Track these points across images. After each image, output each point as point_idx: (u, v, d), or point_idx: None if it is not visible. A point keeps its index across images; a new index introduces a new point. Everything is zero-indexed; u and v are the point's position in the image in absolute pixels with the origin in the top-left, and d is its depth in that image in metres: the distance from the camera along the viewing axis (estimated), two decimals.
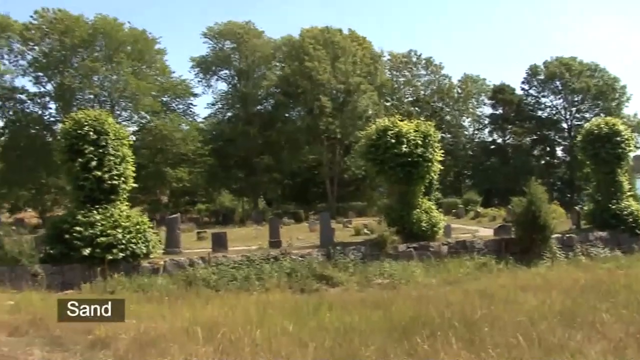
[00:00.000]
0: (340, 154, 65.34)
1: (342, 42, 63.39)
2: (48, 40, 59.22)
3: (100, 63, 58.45)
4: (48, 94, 60.87)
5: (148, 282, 20.91)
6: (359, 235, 31.36)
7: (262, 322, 10.84)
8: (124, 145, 24.86)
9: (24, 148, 57.44)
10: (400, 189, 28.07)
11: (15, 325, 10.71)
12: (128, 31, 60.29)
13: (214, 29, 67.72)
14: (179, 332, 10.14)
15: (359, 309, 12.95)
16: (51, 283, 21.32)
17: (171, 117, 63.08)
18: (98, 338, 9.75)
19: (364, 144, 29.32)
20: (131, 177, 24.87)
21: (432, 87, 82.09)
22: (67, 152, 23.87)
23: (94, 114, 24.63)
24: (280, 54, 67.54)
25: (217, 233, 28.10)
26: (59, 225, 23.27)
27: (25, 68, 60.30)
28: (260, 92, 68.82)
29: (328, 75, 59.87)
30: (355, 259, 24.03)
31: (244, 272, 22.05)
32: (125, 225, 23.00)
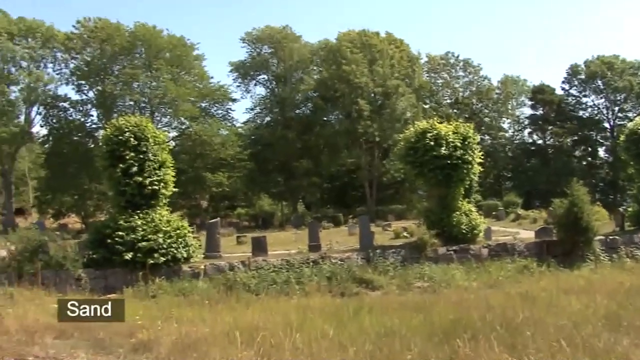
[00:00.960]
0: (378, 157, 65.13)
1: (380, 45, 63.19)
2: (89, 49, 60.36)
3: (140, 70, 59.32)
4: (90, 102, 61.98)
5: (189, 286, 21.06)
6: (399, 238, 31.23)
7: (302, 326, 10.84)
8: (163, 150, 25.15)
9: (67, 155, 58.50)
10: (439, 192, 27.88)
11: (61, 329, 10.86)
12: (167, 38, 61.01)
13: (252, 34, 68.12)
14: (219, 335, 10.19)
15: (399, 312, 12.88)
16: (94, 287, 21.66)
17: (210, 123, 63.53)
18: (140, 341, 9.86)
19: (402, 147, 29.20)
20: (171, 182, 25.11)
21: (470, 88, 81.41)
22: (108, 158, 24.23)
23: (134, 120, 24.96)
24: (318, 58, 67.58)
25: (256, 237, 28.20)
26: (102, 230, 23.62)
27: (68, 76, 61.64)
28: (298, 96, 68.98)
29: (366, 79, 59.76)
30: (395, 262, 23.91)
31: (284, 276, 22.07)
32: (165, 229, 23.24)
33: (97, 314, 10.41)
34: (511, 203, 56.67)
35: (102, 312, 10.43)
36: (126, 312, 13.65)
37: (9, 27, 56.54)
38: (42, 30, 59.10)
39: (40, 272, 21.72)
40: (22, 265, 22.16)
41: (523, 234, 31.27)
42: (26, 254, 22.56)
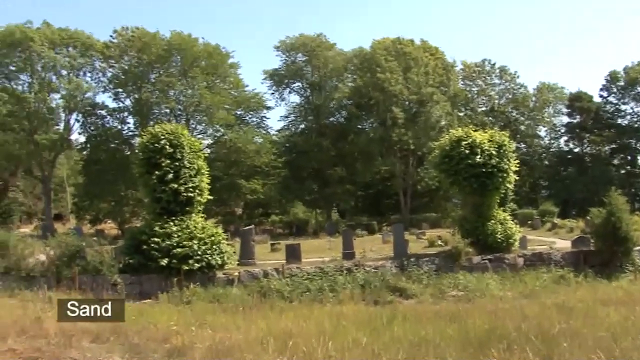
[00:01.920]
0: (413, 165, 64.88)
1: (414, 53, 62.99)
2: (127, 58, 61.23)
3: (175, 78, 59.95)
4: (127, 109, 62.79)
5: (223, 293, 21.20)
6: (433, 246, 31.03)
7: (336, 333, 10.84)
8: (199, 158, 25.40)
9: (104, 162, 59.35)
10: (474, 200, 27.72)
11: (97, 333, 11.02)
12: (202, 46, 61.51)
13: (286, 42, 68.31)
14: (253, 342, 10.24)
15: (433, 321, 12.81)
16: (130, 292, 21.95)
17: (245, 130, 63.84)
18: (175, 347, 9.95)
19: (437, 155, 29.11)
20: (206, 189, 25.34)
21: (506, 96, 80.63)
22: (144, 165, 24.54)
23: (170, 127, 25.25)
24: (352, 66, 67.48)
25: (290, 244, 28.28)
26: (137, 237, 23.91)
27: (106, 85, 62.55)
28: (332, 104, 69.00)
29: (400, 86, 59.61)
30: (429, 270, 23.82)
31: (318, 283, 22.10)
32: (200, 236, 23.45)
33: (97, 314, 10.56)
34: (547, 212, 55.86)
35: (102, 312, 10.57)
36: (161, 317, 13.87)
37: (51, 37, 57.59)
38: (81, 39, 60.08)
39: (78, 277, 22.10)
40: (60, 269, 22.58)
41: (559, 244, 30.82)
42: (64, 259, 22.98)
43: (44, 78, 58.48)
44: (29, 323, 11.66)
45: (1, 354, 8.87)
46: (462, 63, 78.12)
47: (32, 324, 11.64)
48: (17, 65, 57.29)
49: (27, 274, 22.75)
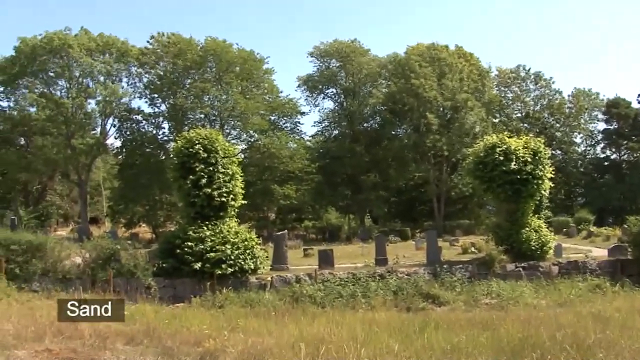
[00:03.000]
0: (447, 171, 64.51)
1: (449, 59, 62.69)
2: (162, 63, 61.83)
3: (210, 83, 60.34)
4: (162, 114, 63.39)
5: (255, 298, 21.29)
6: (466, 254, 30.84)
7: (368, 340, 10.79)
8: (233, 163, 25.55)
9: (139, 166, 59.94)
10: (508, 207, 27.52)
11: (131, 335, 11.13)
12: (237, 52, 61.80)
13: (320, 48, 68.39)
14: (285, 347, 10.22)
15: (466, 329, 12.69)
16: (163, 296, 22.17)
17: (279, 135, 63.91)
18: (207, 350, 9.98)
19: (471, 161, 28.96)
20: (240, 194, 25.49)
21: (541, 102, 79.65)
22: (179, 169, 24.79)
23: (204, 132, 25.46)
24: (386, 72, 67.29)
25: (323, 250, 28.30)
26: (171, 241, 24.13)
27: (142, 90, 63.19)
28: (366, 110, 68.87)
29: (434, 92, 59.29)
30: (462, 278, 23.68)
31: (350, 289, 22.10)
32: (234, 241, 23.59)
33: (97, 314, 10.62)
34: (583, 220, 54.99)
35: (102, 312, 10.64)
36: (193, 321, 13.96)
37: (88, 44, 58.44)
38: (117, 45, 60.84)
39: (113, 280, 22.33)
40: (95, 272, 22.89)
41: (595, 252, 30.43)
42: (99, 262, 23.27)
43: (81, 84, 59.39)
44: (64, 324, 11.80)
45: (38, 353, 9.01)
46: (497, 69, 77.54)
47: (68, 325, 11.78)
48: (56, 71, 58.23)
49: (64, 276, 23.09)
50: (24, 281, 22.16)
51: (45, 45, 56.05)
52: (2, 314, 13.23)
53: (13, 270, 22.20)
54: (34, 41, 56.51)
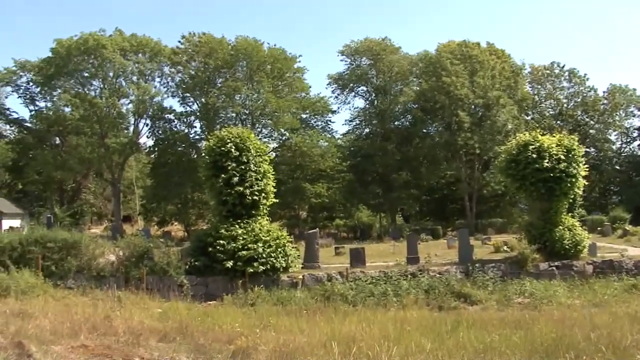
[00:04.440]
0: (479, 169, 64.01)
1: (481, 56, 62.13)
2: (194, 63, 62.34)
3: (241, 82, 60.58)
4: (193, 113, 63.94)
5: (287, 296, 21.33)
6: (499, 252, 30.57)
7: (399, 338, 10.77)
8: (264, 161, 25.66)
9: (171, 165, 60.51)
10: (541, 206, 27.26)
11: (164, 332, 11.25)
12: (268, 51, 62.01)
13: (350, 46, 68.18)
14: (317, 345, 10.24)
15: (498, 328, 12.59)
16: (196, 293, 22.35)
17: (310, 134, 63.98)
18: (239, 348, 10.04)
19: (503, 159, 28.74)
20: (271, 192, 25.58)
21: (575, 99, 78.49)
22: (211, 168, 24.95)
23: (236, 131, 25.58)
24: (417, 70, 66.94)
25: (355, 249, 28.28)
26: (203, 239, 24.30)
27: (174, 90, 63.87)
28: (397, 108, 68.52)
29: (466, 90, 58.83)
30: (495, 277, 23.48)
31: (382, 288, 22.04)
32: (265, 239, 23.67)
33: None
34: (618, 218, 54.07)
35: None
36: (226, 319, 14.06)
37: (122, 44, 59.20)
38: (150, 45, 61.54)
39: (146, 277, 22.56)
40: (129, 270, 23.15)
41: (631, 251, 29.91)
42: (133, 260, 23.53)
43: (114, 83, 60.31)
44: (99, 321, 11.97)
45: (74, 349, 9.14)
46: (530, 66, 76.65)
47: (102, 321, 11.95)
48: (90, 71, 59.17)
49: (98, 273, 23.41)
50: (59, 278, 22.52)
51: (80, 46, 57.02)
52: (39, 310, 13.45)
53: (49, 267, 22.58)
54: (69, 42, 57.49)
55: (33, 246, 22.95)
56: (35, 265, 22.06)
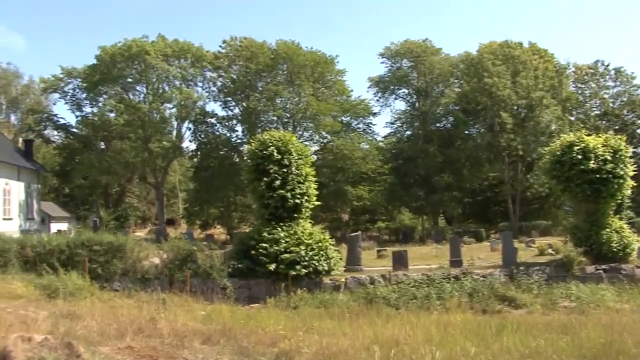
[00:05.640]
0: (522, 171, 63.20)
1: (523, 56, 61.37)
2: (235, 67, 62.92)
3: (282, 86, 60.88)
4: (235, 117, 64.48)
5: (329, 299, 21.32)
6: (543, 255, 30.18)
7: (443, 342, 10.70)
8: (306, 164, 25.68)
9: (213, 168, 61.07)
10: (587, 208, 26.83)
11: (208, 335, 11.34)
12: (308, 54, 62.17)
13: (391, 48, 67.94)
14: (360, 348, 10.23)
15: (544, 332, 12.40)
16: (239, 296, 22.49)
17: (351, 137, 64.01)
18: (283, 351, 10.08)
19: (548, 161, 28.38)
20: (313, 195, 25.60)
21: (621, 99, 76.88)
22: (253, 171, 25.09)
23: (278, 135, 25.69)
24: (459, 71, 66.44)
25: (397, 251, 28.16)
26: (246, 242, 24.45)
27: (216, 94, 64.56)
28: (439, 110, 68.14)
29: (508, 91, 58.18)
30: (540, 280, 23.14)
31: (424, 291, 21.91)
32: (307, 242, 23.69)
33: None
34: None
35: None
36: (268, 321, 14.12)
37: (164, 49, 59.97)
38: (192, 50, 62.19)
39: (189, 280, 22.77)
40: (173, 272, 23.41)
41: None
42: (177, 263, 23.79)
43: (157, 89, 61.01)
44: (144, 323, 12.11)
45: (120, 350, 9.27)
46: (573, 65, 75.31)
47: (147, 323, 12.09)
48: (134, 77, 60.10)
49: (143, 276, 23.71)
50: (105, 280, 22.89)
51: (124, 52, 57.89)
52: (87, 312, 13.67)
53: (96, 269, 22.97)
54: (113, 49, 58.44)
55: (80, 249, 23.40)
56: (82, 268, 22.46)
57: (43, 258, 22.93)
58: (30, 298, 17.25)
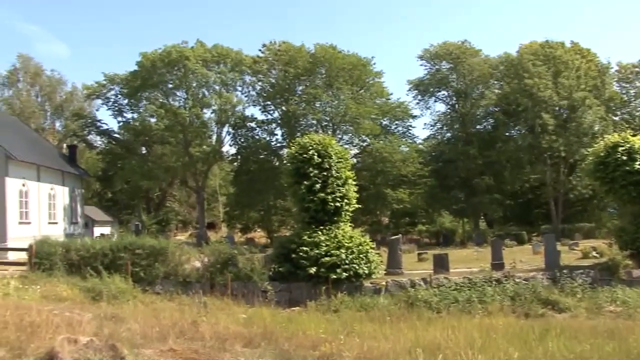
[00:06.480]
0: (564, 172, 62.28)
1: (565, 56, 60.54)
2: (274, 71, 63.24)
3: (321, 89, 60.93)
4: (274, 121, 64.79)
5: (370, 302, 21.25)
6: (587, 258, 29.71)
7: (485, 346, 10.58)
8: (346, 167, 25.65)
9: (253, 172, 61.47)
10: (633, 209, 26.35)
11: (249, 338, 11.39)
12: (346, 57, 62.16)
13: (430, 50, 67.72)
14: (401, 352, 10.18)
15: (589, 337, 12.17)
16: (279, 299, 22.53)
17: (391, 139, 63.82)
18: (324, 354, 10.06)
19: (591, 162, 27.92)
20: (353, 198, 25.57)
21: None
22: (293, 175, 25.15)
23: (318, 138, 25.71)
24: (499, 72, 65.83)
25: (438, 254, 28.03)
26: (287, 245, 24.50)
27: (255, 98, 64.96)
28: (479, 112, 67.69)
29: (550, 92, 57.48)
30: (584, 283, 22.73)
31: (466, 294, 21.70)
32: (348, 245, 23.66)
33: None
34: None
35: None
36: (309, 325, 14.12)
37: (204, 55, 60.57)
38: (231, 55, 62.69)
39: (230, 283, 22.91)
40: (214, 276, 23.59)
41: None
42: (218, 266, 23.97)
43: (197, 94, 61.65)
44: (186, 326, 12.23)
45: (163, 353, 9.38)
46: (617, 64, 73.92)
47: (189, 326, 12.21)
48: (174, 82, 60.82)
49: (184, 279, 23.93)
50: (147, 284, 23.17)
51: (164, 58, 58.64)
52: (130, 315, 13.85)
53: (138, 273, 23.28)
54: (154, 55, 59.29)
55: (123, 252, 23.74)
56: (125, 271, 22.77)
57: (87, 261, 23.33)
58: (75, 300, 17.56)
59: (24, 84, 75.28)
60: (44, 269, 22.71)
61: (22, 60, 74.60)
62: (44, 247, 24.05)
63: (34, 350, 8.38)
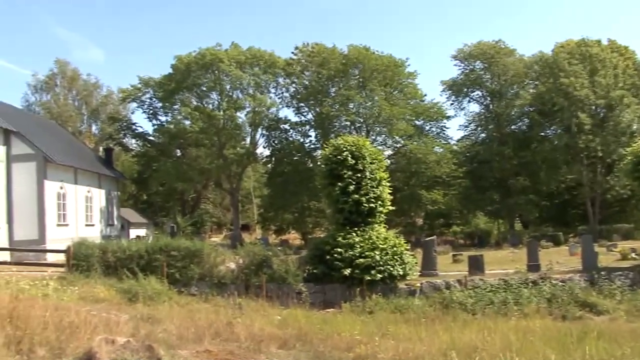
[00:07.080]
0: (601, 173, 61.30)
1: (601, 54, 59.54)
2: (307, 73, 63.26)
3: (354, 91, 60.74)
4: (308, 123, 64.74)
5: (405, 303, 21.21)
6: (626, 260, 29.22)
7: (523, 349, 10.47)
8: (379, 169, 25.65)
9: (287, 174, 61.59)
10: None
11: (284, 339, 11.44)
12: (379, 58, 61.98)
13: (463, 50, 67.20)
14: (436, 354, 10.14)
15: (630, 341, 11.94)
16: (314, 301, 22.58)
17: (425, 140, 63.47)
18: (359, 356, 10.08)
19: (629, 162, 27.56)
20: (387, 199, 25.55)
21: None
22: (327, 177, 25.21)
23: (351, 139, 25.75)
24: (533, 72, 65.06)
25: (473, 256, 27.82)
26: (321, 247, 24.55)
27: (288, 100, 65.06)
28: (513, 112, 66.93)
29: (586, 91, 56.61)
30: (623, 285, 22.42)
31: (501, 296, 21.55)
32: (382, 247, 23.64)
33: None
34: None
35: None
36: (344, 326, 14.11)
37: (238, 57, 60.90)
38: (265, 57, 62.94)
39: (265, 285, 23.03)
40: (249, 277, 23.75)
41: None
42: (252, 268, 24.11)
43: (231, 96, 61.97)
44: (221, 327, 12.32)
45: (199, 354, 9.48)
46: None
47: (225, 328, 12.29)
48: (208, 85, 61.21)
49: (219, 280, 24.13)
50: (183, 285, 23.40)
51: (199, 61, 59.12)
52: (166, 316, 14.00)
53: (173, 274, 23.54)
54: (188, 58, 59.81)
55: (158, 254, 24.03)
56: (161, 273, 23.03)
57: (123, 263, 23.65)
58: (112, 301, 17.79)
59: (61, 89, 76.81)
60: (81, 271, 23.08)
61: (59, 66, 76.06)
62: (81, 249, 24.43)
63: (73, 350, 8.53)
